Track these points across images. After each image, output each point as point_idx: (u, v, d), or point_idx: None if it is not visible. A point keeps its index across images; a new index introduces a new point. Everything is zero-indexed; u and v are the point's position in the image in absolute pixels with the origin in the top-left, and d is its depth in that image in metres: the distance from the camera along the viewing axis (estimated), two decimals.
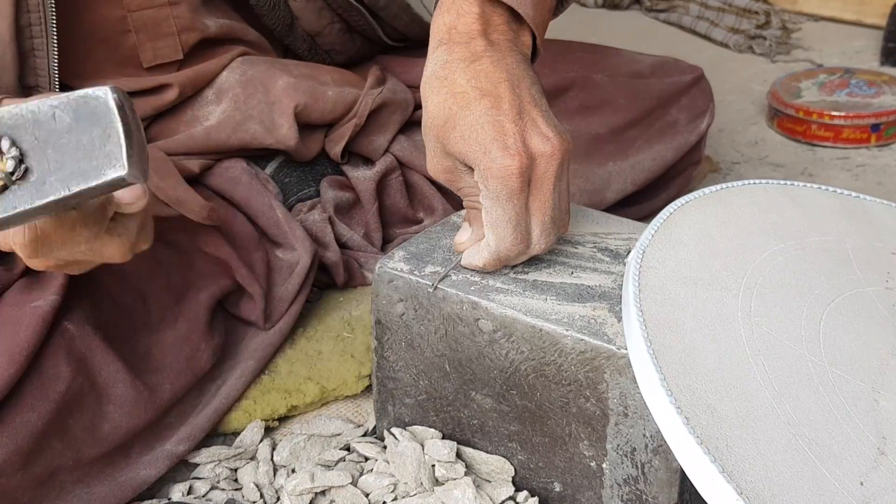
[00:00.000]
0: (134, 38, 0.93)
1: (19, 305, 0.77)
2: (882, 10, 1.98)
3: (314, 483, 0.79)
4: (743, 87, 1.78)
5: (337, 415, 0.91)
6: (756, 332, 0.66)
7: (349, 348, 0.94)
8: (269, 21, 1.03)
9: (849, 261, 0.75)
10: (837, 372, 0.65)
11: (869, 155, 1.50)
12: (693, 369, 0.62)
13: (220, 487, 0.83)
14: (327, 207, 1.04)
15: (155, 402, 0.82)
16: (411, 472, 0.77)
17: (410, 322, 0.77)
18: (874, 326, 0.70)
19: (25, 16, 0.82)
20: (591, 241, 0.80)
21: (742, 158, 1.50)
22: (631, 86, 1.13)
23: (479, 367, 0.75)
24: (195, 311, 0.88)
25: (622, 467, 0.71)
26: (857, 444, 0.61)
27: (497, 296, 0.73)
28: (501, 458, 0.77)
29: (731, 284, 0.69)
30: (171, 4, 0.93)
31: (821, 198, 0.81)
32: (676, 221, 0.73)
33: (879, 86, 1.59)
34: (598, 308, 0.71)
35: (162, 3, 0.93)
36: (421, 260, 0.78)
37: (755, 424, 0.59)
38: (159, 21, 0.93)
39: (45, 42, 0.83)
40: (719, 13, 2.03)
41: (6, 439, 0.72)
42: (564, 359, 0.70)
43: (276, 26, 1.04)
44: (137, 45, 0.93)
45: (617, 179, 1.11)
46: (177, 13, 0.93)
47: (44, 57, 0.83)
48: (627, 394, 0.68)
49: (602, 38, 2.03)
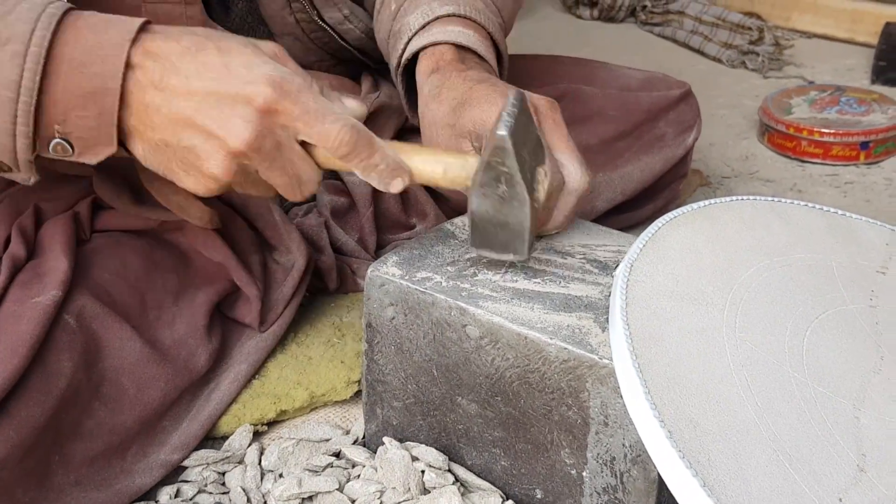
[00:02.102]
0: None
1: (21, 301, 0.78)
2: (874, 28, 2.00)
3: (301, 488, 0.79)
4: (735, 101, 1.79)
5: (325, 420, 0.92)
6: (740, 348, 0.67)
7: (339, 354, 0.95)
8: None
9: (834, 278, 0.76)
10: (820, 388, 0.66)
11: (858, 172, 1.52)
12: (677, 383, 0.62)
13: (207, 491, 0.83)
14: (323, 211, 1.05)
15: (150, 403, 0.83)
16: (399, 478, 0.78)
17: (400, 326, 0.78)
18: (857, 344, 0.71)
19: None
20: (581, 252, 0.80)
21: (732, 173, 1.51)
22: (620, 99, 1.15)
23: (466, 373, 0.76)
24: (193, 314, 0.89)
25: (602, 476, 0.71)
26: (837, 461, 0.62)
27: (485, 303, 0.74)
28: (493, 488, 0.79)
29: (717, 299, 0.70)
30: (186, 4, 0.93)
31: (808, 215, 0.82)
32: (664, 236, 0.74)
33: (869, 104, 1.60)
34: (583, 318, 0.72)
35: (177, 1, 0.93)
36: (412, 265, 0.79)
37: (737, 439, 0.60)
38: (172, 17, 0.93)
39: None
40: (713, 28, 2.05)
41: (11, 432, 0.73)
42: (548, 367, 0.71)
43: None
44: None
45: (606, 189, 1.13)
46: (190, 13, 0.94)
47: None
48: (608, 403, 0.68)
49: (597, 50, 2.05)
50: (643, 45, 2.12)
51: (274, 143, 0.69)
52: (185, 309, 0.89)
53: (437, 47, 0.90)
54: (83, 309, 0.81)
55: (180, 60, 0.68)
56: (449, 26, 0.91)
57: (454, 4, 0.92)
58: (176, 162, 0.70)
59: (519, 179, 0.71)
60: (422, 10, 0.93)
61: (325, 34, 1.05)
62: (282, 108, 0.68)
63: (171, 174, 0.71)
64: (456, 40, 0.90)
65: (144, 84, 0.68)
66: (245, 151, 0.68)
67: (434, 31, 0.91)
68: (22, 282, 0.81)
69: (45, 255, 0.83)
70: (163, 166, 0.71)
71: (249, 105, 0.67)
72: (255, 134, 0.67)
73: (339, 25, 1.05)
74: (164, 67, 0.68)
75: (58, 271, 0.81)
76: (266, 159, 0.69)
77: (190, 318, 0.88)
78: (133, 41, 0.68)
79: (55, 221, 0.87)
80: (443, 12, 0.92)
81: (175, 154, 0.69)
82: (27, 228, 0.86)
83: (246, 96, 0.67)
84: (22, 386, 0.74)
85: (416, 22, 0.92)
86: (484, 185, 0.72)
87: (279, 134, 0.69)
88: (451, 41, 0.90)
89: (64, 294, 0.80)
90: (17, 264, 0.82)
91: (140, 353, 0.83)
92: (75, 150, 0.69)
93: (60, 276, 0.80)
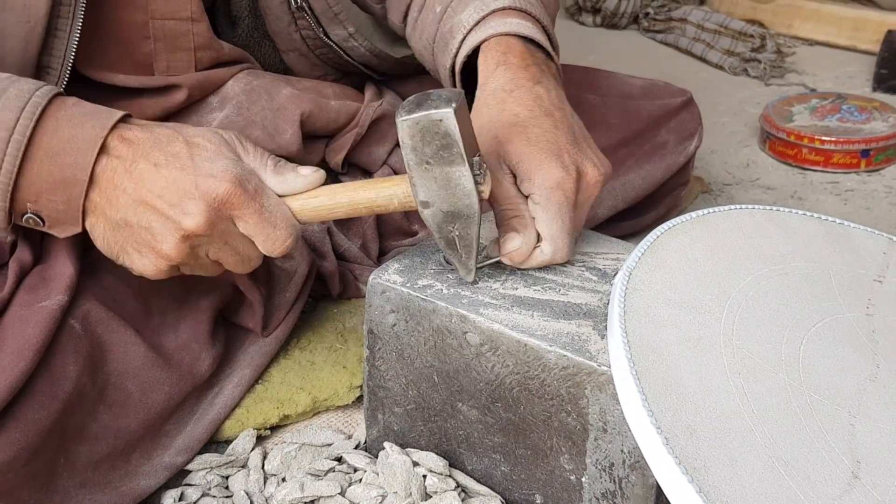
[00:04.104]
0: (152, 46, 0.94)
1: (28, 305, 0.79)
2: (876, 36, 2.00)
3: (303, 493, 0.80)
4: (737, 109, 1.80)
5: (328, 425, 0.92)
6: (737, 356, 0.67)
7: (341, 359, 0.96)
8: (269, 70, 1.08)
9: (831, 287, 0.77)
10: (815, 396, 0.67)
11: (858, 180, 1.52)
12: (674, 390, 0.63)
13: (211, 494, 0.84)
14: None
15: (154, 407, 0.84)
16: (401, 482, 0.79)
17: (401, 333, 0.79)
18: (853, 352, 0.72)
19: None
20: (581, 260, 0.81)
21: (733, 180, 1.52)
22: (622, 107, 1.16)
23: (466, 379, 0.77)
24: (197, 319, 0.90)
25: (600, 482, 0.72)
26: (831, 468, 0.62)
27: (485, 310, 0.74)
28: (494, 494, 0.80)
29: (715, 308, 0.70)
30: (193, 21, 0.94)
31: (806, 224, 0.83)
32: (663, 245, 0.75)
33: (870, 112, 1.61)
34: (582, 325, 0.73)
35: (184, 18, 0.94)
36: (413, 272, 0.79)
37: (733, 446, 0.61)
38: (179, 34, 0.94)
39: (70, 25, 0.84)
40: (715, 36, 2.05)
41: (17, 435, 0.74)
42: (548, 374, 0.71)
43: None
44: (153, 54, 0.95)
45: (608, 196, 1.13)
46: (197, 30, 0.95)
47: (63, 39, 0.84)
48: (607, 410, 0.69)
49: (600, 57, 2.06)
50: (646, 52, 2.13)
51: (224, 228, 0.75)
52: (188, 314, 0.90)
53: (502, 38, 0.86)
54: (89, 314, 0.82)
55: (152, 149, 0.74)
56: (508, 18, 0.88)
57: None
58: (132, 242, 0.75)
59: (460, 149, 0.71)
60: (475, 6, 0.90)
61: (331, 50, 1.06)
62: (237, 203, 0.74)
63: (124, 255, 0.77)
64: (518, 31, 0.87)
65: (116, 166, 0.74)
66: (198, 234, 0.73)
67: (493, 24, 0.88)
68: (29, 286, 0.82)
69: (51, 261, 0.84)
70: (118, 246, 0.76)
71: (208, 195, 0.73)
72: (207, 220, 0.73)
73: (344, 42, 1.06)
74: (135, 153, 0.74)
75: (64, 276, 0.82)
76: (217, 241, 0.75)
77: (194, 324, 0.89)
78: (113, 128, 0.74)
79: None
80: (498, 5, 0.89)
81: (133, 233, 0.75)
82: (34, 234, 0.87)
83: (206, 187, 0.73)
84: (28, 389, 0.75)
85: (470, 18, 0.90)
86: (426, 159, 0.72)
87: (229, 224, 0.75)
88: (514, 32, 0.87)
89: (70, 299, 0.81)
90: (24, 269, 0.83)
91: (144, 358, 0.84)
92: (45, 224, 0.76)
93: (66, 281, 0.81)
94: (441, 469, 0.80)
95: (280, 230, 0.76)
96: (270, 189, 0.76)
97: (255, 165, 0.77)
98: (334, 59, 1.08)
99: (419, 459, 0.81)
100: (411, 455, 0.81)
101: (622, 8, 2.25)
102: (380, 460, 0.81)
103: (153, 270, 0.76)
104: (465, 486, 0.80)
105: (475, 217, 0.74)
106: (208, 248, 0.76)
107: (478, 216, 0.74)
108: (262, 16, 1.04)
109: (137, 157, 0.74)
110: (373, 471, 0.82)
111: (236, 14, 1.04)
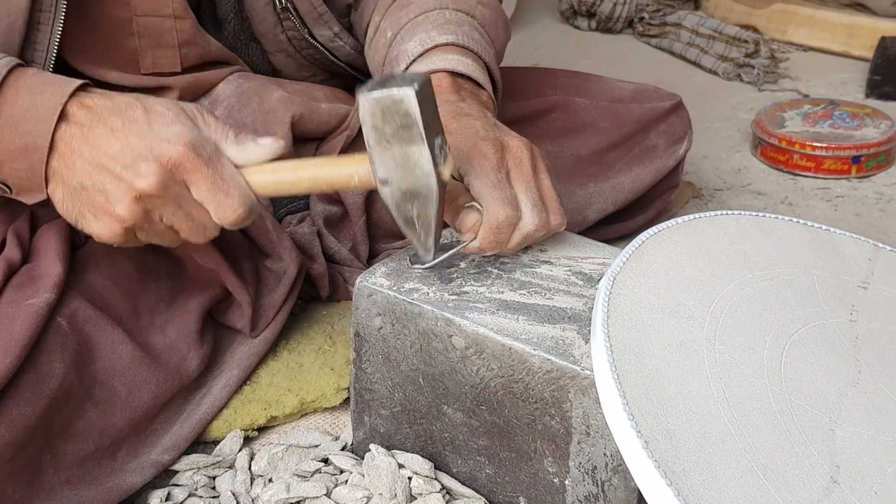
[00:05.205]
0: (136, 43, 0.95)
1: (15, 303, 0.80)
2: (870, 42, 2.01)
3: (289, 494, 0.80)
4: (729, 114, 1.80)
5: (315, 426, 0.93)
6: (719, 360, 0.68)
7: (329, 361, 0.96)
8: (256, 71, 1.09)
9: (815, 293, 0.77)
10: (796, 401, 0.67)
11: (849, 186, 1.53)
12: (655, 394, 0.64)
13: (197, 495, 0.84)
14: (316, 220, 1.06)
15: (140, 406, 0.84)
16: (386, 484, 0.79)
17: (387, 336, 0.80)
18: (835, 357, 0.72)
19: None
20: (567, 264, 0.82)
21: (725, 185, 1.52)
22: (612, 110, 1.16)
23: (452, 382, 0.77)
24: (185, 319, 0.90)
25: (583, 485, 0.73)
26: (811, 473, 0.63)
27: (471, 314, 0.75)
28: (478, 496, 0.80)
29: (698, 313, 0.71)
30: (176, 18, 0.95)
31: (791, 230, 0.83)
32: (648, 250, 0.75)
33: (862, 118, 1.61)
34: (567, 329, 0.73)
35: (167, 14, 0.95)
36: (400, 276, 0.80)
37: (713, 450, 0.62)
38: (162, 31, 0.95)
39: (52, 19, 0.85)
40: (709, 41, 2.06)
41: (3, 431, 0.74)
42: (532, 377, 0.72)
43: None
44: (139, 50, 0.95)
45: (598, 199, 1.14)
46: (180, 27, 0.95)
47: (46, 33, 0.85)
48: (590, 413, 0.70)
49: (595, 61, 2.07)
50: (640, 57, 2.14)
51: (177, 192, 0.74)
52: (177, 314, 0.90)
53: (434, 74, 0.90)
54: (76, 312, 0.83)
55: (110, 115, 0.75)
56: (449, 55, 0.92)
57: (453, 34, 0.94)
58: (88, 206, 0.76)
59: (420, 129, 0.71)
60: (420, 38, 0.94)
61: (317, 51, 1.07)
62: (190, 167, 0.74)
63: (82, 219, 0.77)
64: (455, 68, 0.91)
65: (74, 132, 0.74)
66: (150, 194, 0.73)
67: (434, 59, 0.92)
68: (16, 284, 0.82)
69: (39, 259, 0.85)
70: (76, 210, 0.77)
71: (161, 157, 0.73)
72: (159, 181, 0.73)
73: (330, 43, 1.07)
74: (94, 119, 0.75)
75: (52, 275, 0.82)
76: (170, 205, 0.75)
77: (182, 323, 0.90)
78: (72, 95, 0.75)
79: (50, 226, 0.88)
80: (442, 41, 0.94)
81: (88, 197, 0.75)
82: (23, 233, 0.88)
83: (160, 150, 0.73)
84: (14, 385, 0.76)
85: (414, 49, 0.94)
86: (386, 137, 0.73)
87: (182, 188, 0.75)
88: (450, 69, 0.91)
89: (57, 297, 0.81)
90: (12, 267, 0.84)
91: (131, 357, 0.84)
92: (13, 192, 0.78)
93: (54, 280, 0.82)
94: (426, 471, 0.80)
95: (232, 198, 0.75)
96: (228, 159, 0.76)
97: (216, 137, 0.77)
98: (321, 60, 1.09)
99: (405, 461, 0.81)
100: (397, 457, 0.81)
101: (617, 12, 2.26)
102: (366, 462, 0.82)
103: (109, 234, 0.76)
104: (450, 489, 0.81)
105: (433, 197, 0.74)
106: (162, 213, 0.76)
107: (436, 196, 0.74)
108: (248, 18, 1.05)
109: (95, 123, 0.74)
110: (358, 472, 0.83)
111: (222, 16, 1.05)
